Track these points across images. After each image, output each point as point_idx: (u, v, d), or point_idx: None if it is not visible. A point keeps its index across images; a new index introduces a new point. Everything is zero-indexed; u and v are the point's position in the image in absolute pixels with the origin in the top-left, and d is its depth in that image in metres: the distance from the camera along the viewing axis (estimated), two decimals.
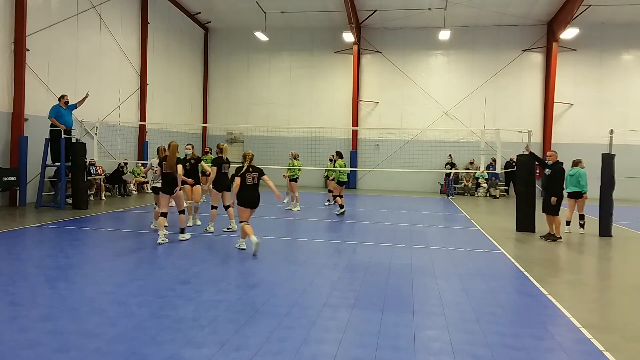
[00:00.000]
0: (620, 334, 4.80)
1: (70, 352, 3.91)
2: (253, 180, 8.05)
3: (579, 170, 11.00)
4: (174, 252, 7.99)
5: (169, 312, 4.93)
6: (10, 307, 4.98)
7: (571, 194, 11.12)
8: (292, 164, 14.87)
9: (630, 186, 18.81)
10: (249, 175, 8.01)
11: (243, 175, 7.97)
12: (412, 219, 13.08)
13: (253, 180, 8.05)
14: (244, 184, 7.95)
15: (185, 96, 23.74)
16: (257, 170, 8.12)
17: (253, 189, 8.06)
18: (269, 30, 23.33)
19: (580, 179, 10.93)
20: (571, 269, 7.94)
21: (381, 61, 24.18)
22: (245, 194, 7.98)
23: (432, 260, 7.92)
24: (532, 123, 22.25)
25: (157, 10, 20.58)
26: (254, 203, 8.10)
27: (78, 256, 7.49)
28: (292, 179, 14.40)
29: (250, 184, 8.02)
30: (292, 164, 14.86)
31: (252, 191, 8.05)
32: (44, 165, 13.32)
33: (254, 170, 8.08)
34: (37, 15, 13.82)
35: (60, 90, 14.31)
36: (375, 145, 24.17)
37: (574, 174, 10.98)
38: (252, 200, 8.07)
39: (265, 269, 6.97)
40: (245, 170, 8.01)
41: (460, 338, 4.52)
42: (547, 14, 22.03)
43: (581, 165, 11.14)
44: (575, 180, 10.96)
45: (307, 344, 4.25)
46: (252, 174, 8.04)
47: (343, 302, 5.51)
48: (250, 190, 8.02)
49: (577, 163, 11.19)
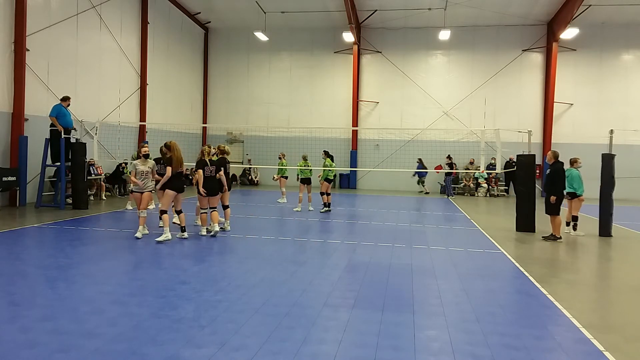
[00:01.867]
0: (620, 334, 4.80)
1: (70, 352, 3.91)
2: (211, 172, 9.46)
3: (572, 171, 10.83)
4: (174, 252, 8.00)
5: (169, 312, 4.93)
6: (10, 307, 4.98)
7: (567, 194, 11.03)
8: (282, 163, 16.22)
9: (630, 186, 18.81)
10: (207, 168, 9.43)
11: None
12: (412, 219, 13.08)
13: (211, 172, 9.46)
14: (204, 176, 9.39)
15: (185, 96, 23.74)
16: (215, 164, 9.56)
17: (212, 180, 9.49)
18: (269, 30, 23.33)
19: (573, 181, 10.76)
20: (571, 269, 7.93)
21: (381, 61, 24.18)
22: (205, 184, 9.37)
23: (432, 260, 7.92)
24: (532, 123, 22.25)
25: (157, 10, 20.58)
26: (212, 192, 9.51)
27: (78, 256, 7.49)
28: (303, 179, 14.35)
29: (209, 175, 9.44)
30: (281, 164, 16.20)
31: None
32: (44, 165, 13.32)
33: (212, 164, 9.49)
34: (37, 15, 13.82)
35: (60, 90, 14.32)
36: (375, 145, 24.17)
37: (568, 175, 10.77)
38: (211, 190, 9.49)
39: (265, 269, 6.97)
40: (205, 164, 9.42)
41: (460, 338, 4.52)
42: (547, 14, 22.03)
43: (577, 164, 10.97)
44: (569, 182, 10.81)
45: (307, 344, 4.25)
46: (210, 167, 9.44)
47: (343, 302, 5.51)
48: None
49: (572, 162, 11.04)
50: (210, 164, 9.51)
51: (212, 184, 9.54)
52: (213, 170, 9.53)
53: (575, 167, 10.95)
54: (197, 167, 9.46)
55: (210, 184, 9.50)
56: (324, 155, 14.54)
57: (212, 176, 9.53)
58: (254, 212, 12.96)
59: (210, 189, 9.50)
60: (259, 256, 7.90)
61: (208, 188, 9.46)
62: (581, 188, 10.83)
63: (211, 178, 9.52)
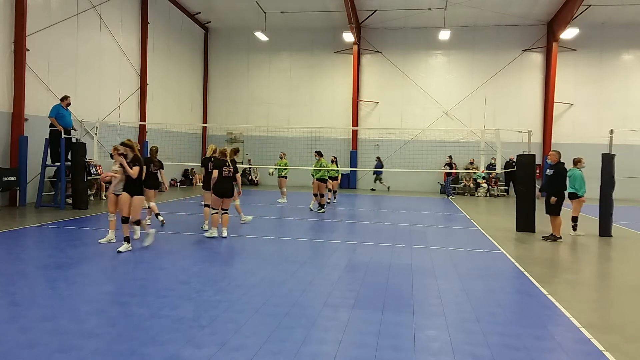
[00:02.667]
0: (620, 334, 4.80)
1: (70, 352, 3.91)
2: (229, 173, 9.28)
3: (575, 171, 10.76)
4: (174, 252, 8.00)
5: (169, 312, 4.93)
6: (10, 307, 4.98)
7: (569, 195, 10.98)
8: (280, 163, 16.60)
9: (630, 186, 18.80)
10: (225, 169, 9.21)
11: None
12: (412, 219, 13.07)
13: (229, 173, 9.28)
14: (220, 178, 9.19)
15: (185, 96, 23.75)
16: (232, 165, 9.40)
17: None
18: (269, 30, 23.33)
19: (575, 182, 10.69)
20: (571, 269, 7.93)
21: (381, 61, 24.18)
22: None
23: (432, 260, 7.92)
24: (532, 123, 22.26)
25: (157, 10, 20.58)
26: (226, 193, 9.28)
27: (78, 256, 7.49)
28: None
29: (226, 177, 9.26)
30: (280, 164, 16.57)
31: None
32: (44, 165, 13.32)
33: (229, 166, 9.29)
34: (37, 15, 13.82)
35: (60, 90, 14.32)
36: (375, 145, 24.18)
37: (570, 175, 10.71)
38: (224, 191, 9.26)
39: (265, 269, 6.97)
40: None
41: (460, 338, 4.52)
42: (547, 14, 22.03)
43: (580, 164, 10.88)
44: (571, 182, 10.73)
45: (307, 344, 4.25)
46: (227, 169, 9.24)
47: (343, 302, 5.50)
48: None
49: (576, 162, 10.96)
50: (228, 165, 9.18)
51: (228, 186, 9.21)
52: (231, 171, 9.22)
53: (578, 167, 10.84)
54: (215, 166, 9.18)
55: (226, 185, 9.17)
56: (316, 155, 14.56)
57: (230, 177, 9.22)
58: (254, 212, 12.96)
59: (226, 190, 9.16)
60: (259, 256, 7.90)
61: (223, 189, 9.12)
62: (583, 189, 10.72)
63: (227, 179, 9.20)
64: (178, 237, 9.33)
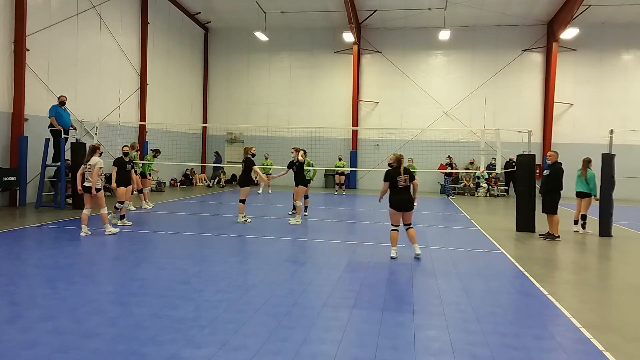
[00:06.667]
0: (620, 334, 4.80)
1: (70, 352, 3.91)
2: (405, 182, 7.87)
3: (589, 172, 11.17)
4: (174, 252, 8.00)
5: (169, 312, 4.93)
6: (10, 307, 4.98)
7: (579, 194, 11.30)
8: (265, 163, 17.20)
9: (630, 186, 18.81)
10: (400, 178, 7.82)
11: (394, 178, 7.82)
12: (412, 219, 13.02)
13: (405, 182, 7.87)
14: (395, 188, 7.86)
15: (185, 96, 23.74)
16: (407, 172, 7.93)
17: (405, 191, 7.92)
18: (269, 30, 23.33)
19: (590, 182, 11.10)
20: (571, 269, 7.93)
21: (381, 61, 24.18)
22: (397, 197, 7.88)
23: (432, 260, 7.92)
24: (532, 123, 22.26)
25: (157, 10, 20.58)
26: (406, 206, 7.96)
27: (78, 256, 7.49)
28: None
29: (402, 186, 7.87)
30: (265, 164, 17.17)
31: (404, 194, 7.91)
32: (44, 165, 13.32)
33: (405, 173, 7.87)
34: (37, 15, 13.82)
35: (60, 90, 14.33)
36: (375, 145, 24.17)
37: (589, 175, 11.10)
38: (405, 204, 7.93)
39: (265, 269, 6.97)
40: (397, 174, 7.83)
41: (460, 338, 4.52)
42: (547, 14, 22.03)
43: (591, 165, 11.27)
44: (584, 182, 11.16)
45: (307, 344, 4.25)
46: (403, 177, 7.84)
47: (343, 302, 5.50)
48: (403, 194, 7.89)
49: (588, 163, 11.27)
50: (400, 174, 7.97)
51: (405, 197, 8.00)
52: (407, 179, 7.97)
53: (590, 167, 11.22)
54: (387, 177, 8.00)
55: (403, 197, 7.98)
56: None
57: (407, 187, 8.00)
58: (254, 212, 12.96)
59: (404, 203, 8.00)
60: (259, 256, 7.90)
61: (402, 202, 7.96)
62: (595, 189, 11.15)
63: (404, 190, 7.99)
64: (178, 237, 9.33)
